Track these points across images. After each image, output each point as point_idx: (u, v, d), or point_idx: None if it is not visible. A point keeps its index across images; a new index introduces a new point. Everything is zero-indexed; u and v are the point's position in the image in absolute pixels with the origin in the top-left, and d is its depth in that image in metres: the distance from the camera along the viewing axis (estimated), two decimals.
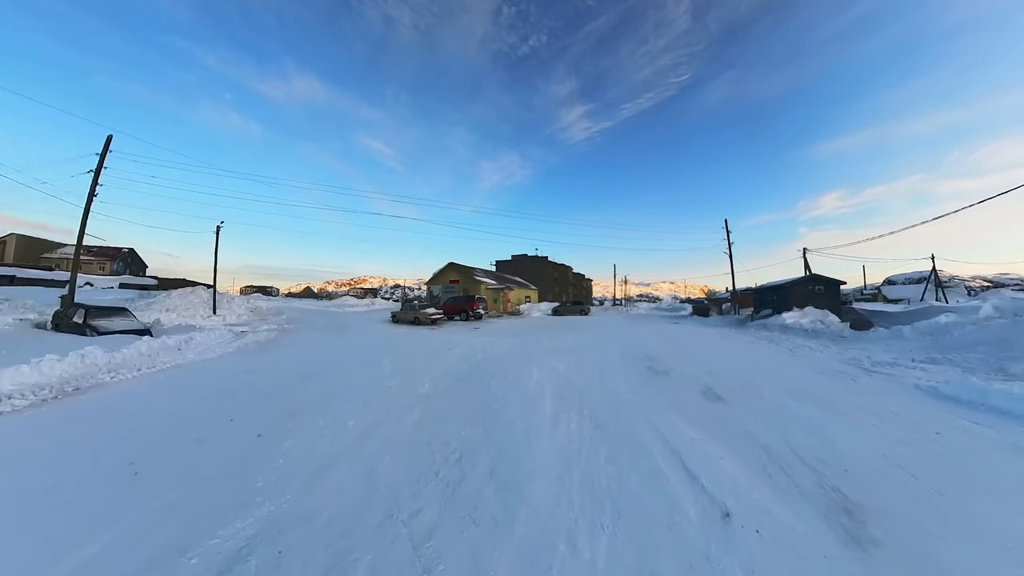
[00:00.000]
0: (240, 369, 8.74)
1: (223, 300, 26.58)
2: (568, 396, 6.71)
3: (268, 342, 13.61)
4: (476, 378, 8.09)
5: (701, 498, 3.39)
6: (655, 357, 10.95)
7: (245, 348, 12.06)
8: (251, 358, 10.37)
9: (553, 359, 10.57)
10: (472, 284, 32.42)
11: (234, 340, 13.56)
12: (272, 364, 9.50)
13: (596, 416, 5.59)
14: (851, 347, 12.82)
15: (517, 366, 9.42)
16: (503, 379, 8.03)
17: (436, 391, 6.98)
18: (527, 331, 18.82)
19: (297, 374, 8.17)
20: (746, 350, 12.76)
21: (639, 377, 8.31)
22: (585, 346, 13.64)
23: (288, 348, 12.32)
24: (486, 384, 7.57)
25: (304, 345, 13.08)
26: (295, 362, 9.78)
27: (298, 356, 10.76)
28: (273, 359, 10.26)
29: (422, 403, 6.21)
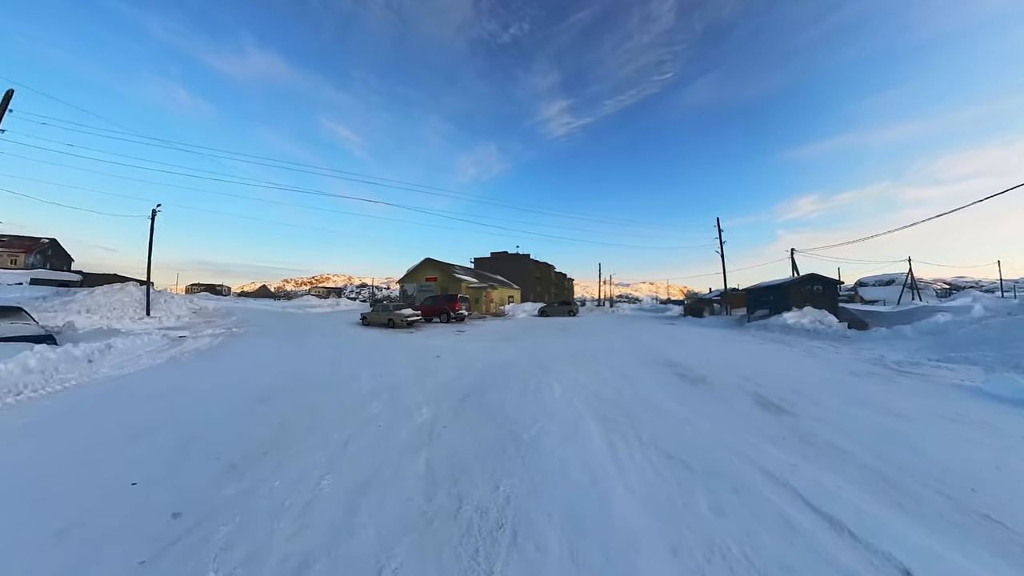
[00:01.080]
0: (167, 389, 6.82)
1: (160, 299, 23.66)
2: (611, 417, 5.51)
3: (212, 350, 11.51)
4: (486, 396, 6.56)
5: (863, 554, 2.69)
6: (677, 362, 10.10)
7: (180, 359, 9.98)
8: (186, 373, 8.39)
9: (567, 368, 9.21)
10: (452, 282, 30.60)
11: (168, 348, 11.40)
12: (213, 381, 7.60)
13: (660, 443, 4.53)
14: (861, 347, 12.68)
15: (529, 378, 7.98)
16: (520, 396, 6.58)
17: (439, 418, 5.40)
18: (519, 334, 17.37)
19: (246, 397, 6.34)
20: (762, 352, 12.29)
21: (676, 387, 7.37)
22: (594, 351, 12.41)
23: (237, 358, 10.33)
24: (501, 404, 6.08)
25: (257, 354, 11.09)
26: (244, 378, 7.89)
27: (249, 369, 8.84)
28: (216, 374, 8.32)
29: (426, 439, 4.63)
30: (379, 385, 7.26)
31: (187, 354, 10.59)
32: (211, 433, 4.73)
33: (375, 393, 6.66)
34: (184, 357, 10.17)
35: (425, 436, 4.75)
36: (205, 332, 15.62)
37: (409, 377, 8.01)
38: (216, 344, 12.66)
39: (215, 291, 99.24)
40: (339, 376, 8.08)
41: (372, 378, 7.85)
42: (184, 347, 11.67)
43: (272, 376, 8.06)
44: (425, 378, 7.94)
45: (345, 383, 7.44)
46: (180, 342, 12.53)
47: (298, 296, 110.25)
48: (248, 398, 6.25)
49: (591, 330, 20.52)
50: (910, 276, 42.93)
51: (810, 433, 4.87)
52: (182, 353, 10.64)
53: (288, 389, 6.84)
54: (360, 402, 6.13)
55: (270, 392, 6.62)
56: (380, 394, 6.60)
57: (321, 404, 6.00)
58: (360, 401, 6.18)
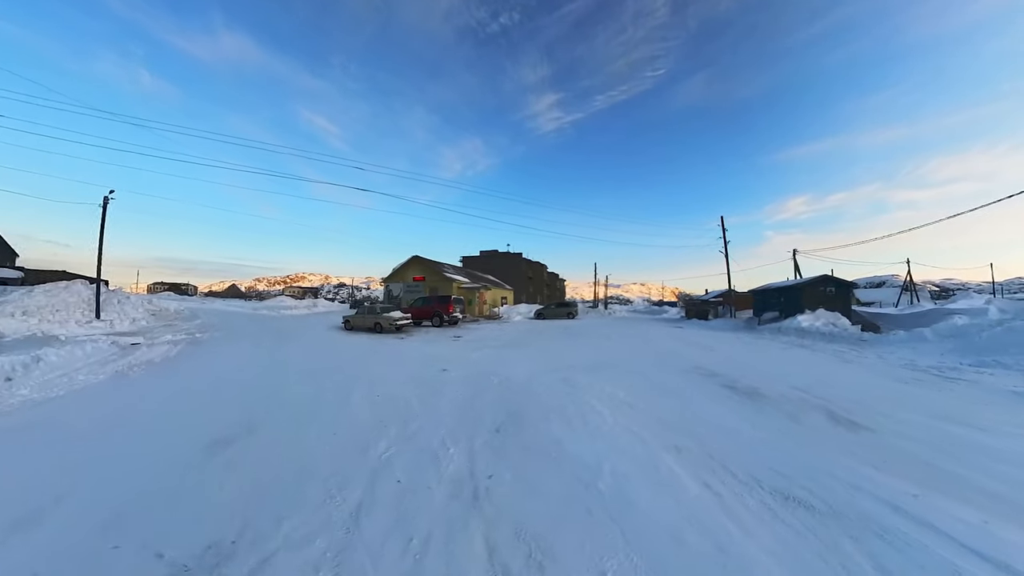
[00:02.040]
0: (96, 424, 5.31)
1: (113, 299, 21.59)
2: (685, 446, 4.71)
3: (169, 361, 9.93)
4: (525, 426, 5.34)
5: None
6: (715, 371, 9.46)
7: (128, 374, 8.41)
8: (130, 395, 6.87)
9: (599, 381, 8.17)
10: (442, 282, 29.14)
11: (115, 359, 9.78)
12: (161, 409, 6.10)
13: (759, 477, 3.90)
14: (885, 351, 12.61)
15: (563, 397, 6.82)
16: (566, 424, 5.45)
17: (477, 463, 4.14)
18: (524, 340, 16.13)
19: (201, 435, 4.87)
20: (793, 358, 11.99)
21: (732, 403, 6.71)
22: (615, 359, 11.45)
23: (198, 373, 8.81)
24: (549, 437, 4.90)
25: (223, 367, 9.56)
26: (203, 403, 6.41)
27: (211, 390, 7.33)
28: (168, 397, 6.81)
29: (471, 501, 3.35)
30: (382, 412, 5.91)
31: (137, 367, 9.00)
32: (141, 508, 3.27)
33: (380, 425, 5.33)
34: (133, 372, 8.60)
35: (468, 495, 3.48)
36: (163, 338, 13.91)
37: (416, 398, 6.68)
38: (175, 353, 11.05)
39: (179, 291, 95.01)
40: (327, 398, 6.69)
41: (370, 401, 6.50)
42: (135, 357, 10.05)
43: (240, 399, 6.59)
44: (437, 399, 6.63)
45: (336, 409, 6.05)
46: (131, 351, 10.88)
47: (271, 296, 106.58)
48: (205, 437, 4.78)
49: (598, 334, 19.47)
50: (909, 278, 43.59)
51: (903, 451, 4.59)
52: (131, 366, 9.05)
53: (260, 423, 5.38)
54: (362, 440, 4.78)
55: (235, 427, 5.15)
56: (386, 426, 5.27)
57: (307, 445, 4.62)
58: (362, 439, 4.83)
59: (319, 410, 6.02)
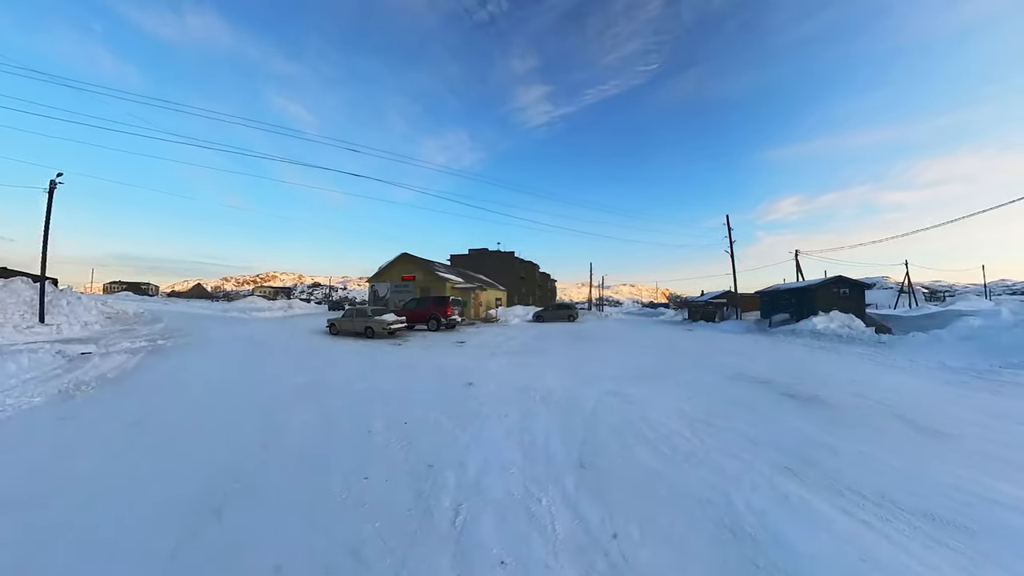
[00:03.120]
0: (15, 481, 3.89)
1: (61, 300, 19.46)
2: (797, 468, 4.17)
3: (125, 377, 8.35)
4: (607, 456, 4.22)
5: None
6: (761, 377, 9.00)
7: (73, 395, 6.85)
8: (70, 430, 5.34)
9: (650, 392, 7.48)
10: (434, 282, 27.66)
11: (59, 373, 8.18)
12: (111, 451, 4.61)
13: (900, 502, 3.51)
14: (911, 353, 12.69)
15: (624, 413, 5.96)
16: (653, 449, 4.56)
17: (591, 522, 2.95)
18: (537, 346, 14.88)
19: (168, 512, 3.34)
20: (825, 361, 11.69)
21: (803, 411, 6.38)
22: (651, 365, 10.73)
23: (162, 394, 7.28)
24: (644, 468, 3.99)
25: (193, 385, 8.05)
26: (170, 443, 4.88)
27: (179, 420, 5.80)
28: (120, 431, 5.27)
29: None
30: (421, 448, 4.56)
31: (86, 385, 7.41)
32: None
33: (427, 469, 3.98)
34: (80, 391, 7.02)
35: (604, 570, 2.41)
36: (120, 345, 12.19)
37: (455, 425, 5.37)
38: (133, 365, 9.43)
39: (139, 291, 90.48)
40: (339, 429, 5.28)
41: (398, 432, 5.13)
42: (85, 371, 8.44)
43: (222, 435, 5.11)
44: (482, 426, 5.33)
45: (358, 446, 4.67)
46: (81, 363, 9.24)
47: (240, 297, 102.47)
48: (172, 521, 3.14)
49: (612, 338, 18.44)
50: (907, 280, 44.51)
51: (1004, 459, 4.44)
52: (78, 384, 7.46)
53: (253, 474, 3.98)
54: (412, 495, 3.44)
55: (221, 486, 3.70)
56: (437, 470, 3.94)
57: (333, 512, 3.25)
58: (410, 492, 3.49)
59: (334, 448, 4.64)
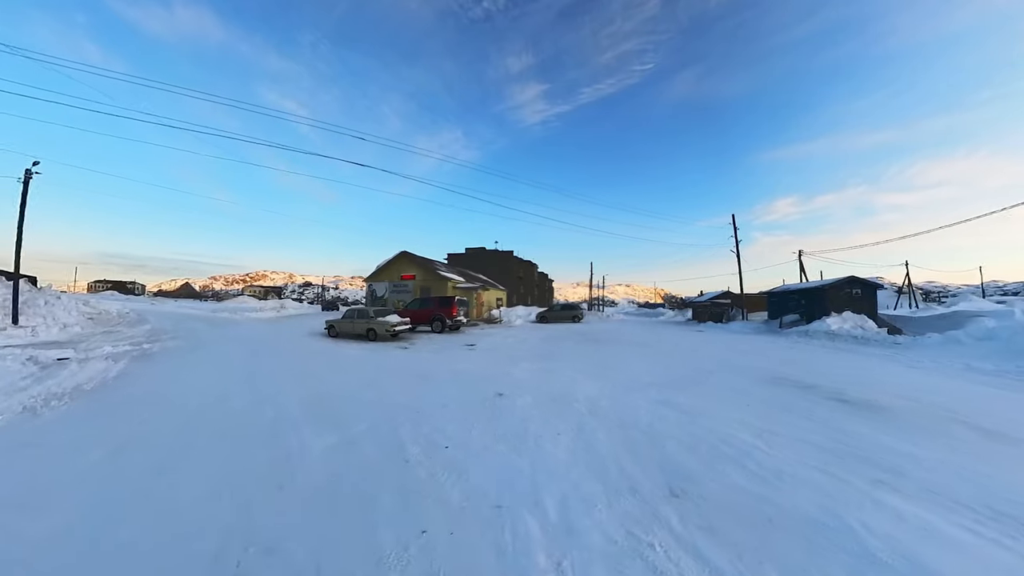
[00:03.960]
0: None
1: (39, 300, 18.24)
2: (891, 483, 3.77)
3: (105, 388, 7.37)
4: (697, 481, 3.42)
5: None
6: (804, 381, 8.55)
7: (42, 411, 5.87)
8: (30, 467, 4.42)
9: (698, 400, 6.78)
10: (435, 282, 26.71)
11: (30, 384, 7.19)
12: (77, 503, 3.66)
13: None
14: (934, 354, 12.56)
15: (685, 425, 5.29)
16: (740, 467, 3.89)
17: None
18: (556, 350, 13.99)
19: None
20: (853, 363, 11.33)
21: (862, 418, 6.05)
22: (683, 369, 10.12)
23: (147, 411, 6.32)
24: (744, 491, 3.31)
25: (184, 398, 7.10)
26: (151, 484, 3.92)
27: (168, 449, 4.80)
28: (92, 468, 4.33)
29: None
30: (477, 480, 3.67)
31: (58, 399, 6.42)
32: None
33: (496, 510, 3.11)
34: (50, 407, 6.03)
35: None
36: (101, 350, 11.16)
37: (504, 446, 4.50)
38: (115, 374, 8.43)
39: (125, 290, 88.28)
40: (367, 466, 4.34)
41: (442, 460, 4.22)
42: (59, 381, 7.45)
43: (224, 471, 4.15)
44: (538, 448, 4.45)
45: (402, 495, 3.71)
46: (55, 370, 8.23)
47: (230, 297, 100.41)
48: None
49: (627, 340, 17.65)
50: (908, 281, 44.59)
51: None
52: (49, 397, 6.48)
53: (271, 543, 2.99)
54: (492, 556, 2.59)
55: (230, 559, 2.72)
56: (509, 511, 3.07)
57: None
58: (488, 550, 2.63)
59: (368, 487, 3.69)
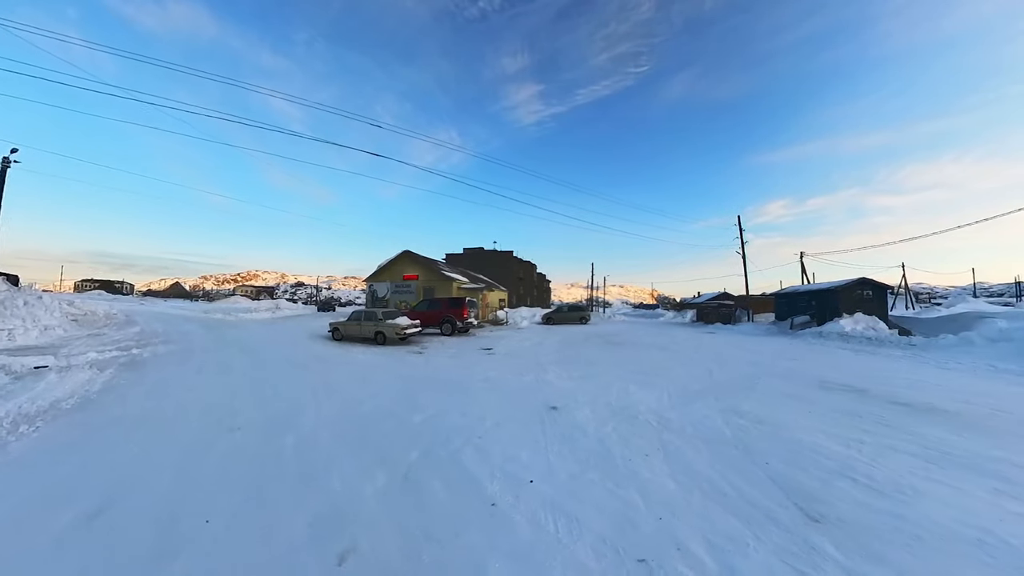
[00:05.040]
0: None
1: (17, 300, 16.86)
2: None
3: (88, 406, 6.25)
4: (836, 501, 2.52)
5: None
6: (853, 385, 8.27)
7: (7, 441, 4.79)
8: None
9: (762, 409, 6.12)
10: (439, 282, 25.64)
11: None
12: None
13: None
14: (957, 355, 12.46)
15: (772, 441, 4.46)
16: (873, 491, 2.74)
17: None
18: (577, 353, 13.00)
19: None
20: (883, 366, 11.00)
21: (933, 424, 5.78)
22: (724, 375, 9.54)
23: (133, 440, 5.24)
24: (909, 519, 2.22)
25: (178, 424, 6.02)
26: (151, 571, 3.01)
27: (161, 502, 3.73)
28: (54, 538, 3.32)
29: None
30: (618, 545, 2.64)
31: (28, 422, 5.32)
32: None
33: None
34: (16, 436, 4.92)
35: None
36: (85, 356, 9.99)
37: (610, 486, 3.53)
38: (99, 387, 7.30)
39: (113, 289, 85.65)
40: (444, 517, 3.32)
41: (552, 516, 3.23)
42: (33, 397, 6.32)
43: (244, 547, 3.10)
44: (656, 482, 3.49)
45: (511, 561, 2.72)
46: (31, 382, 7.11)
47: (222, 296, 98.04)
48: None
49: (641, 341, 16.79)
50: (904, 282, 44.70)
51: None
52: (19, 419, 5.37)
53: None
54: None
55: None
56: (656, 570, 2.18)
57: None
58: None
59: (457, 545, 2.74)
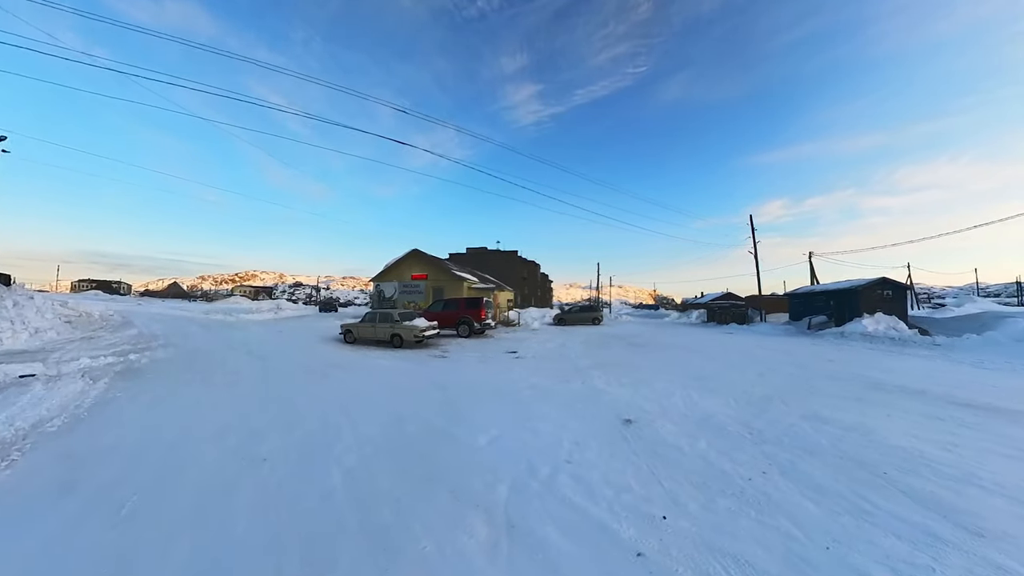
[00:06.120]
0: None
1: (6, 300, 15.70)
2: None
3: (78, 426, 5.18)
4: None
5: None
6: (906, 387, 8.12)
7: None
8: None
9: (837, 412, 4.44)
10: (449, 282, 24.59)
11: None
12: None
13: None
14: (982, 356, 12.15)
15: (902, 447, 3.13)
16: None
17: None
18: (608, 355, 12.01)
19: None
20: (920, 367, 10.72)
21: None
22: (769, 375, 8.84)
23: (130, 481, 4.19)
24: None
25: (187, 456, 4.98)
26: None
27: None
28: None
29: None
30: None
31: (5, 449, 4.29)
32: None
33: None
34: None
35: None
36: (77, 363, 8.93)
37: (772, 522, 2.53)
38: (90, 402, 6.24)
39: (110, 289, 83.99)
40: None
41: (710, 558, 2.30)
42: (12, 417, 5.26)
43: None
44: (806, 510, 2.54)
45: None
46: (14, 394, 6.06)
47: (220, 297, 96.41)
48: None
49: (665, 343, 15.84)
50: (909, 282, 44.30)
51: None
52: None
53: None
54: None
55: None
56: None
57: None
58: None
59: None
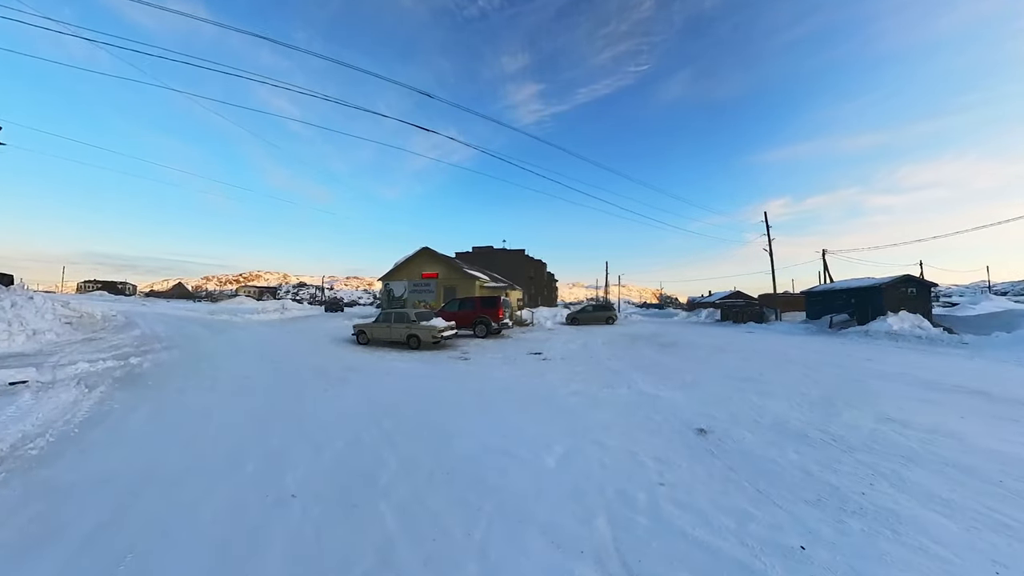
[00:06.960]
0: None
1: (3, 300, 14.90)
2: None
3: (60, 452, 4.32)
4: None
5: None
6: (962, 386, 7.78)
7: None
8: None
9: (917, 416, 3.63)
10: (461, 281, 23.77)
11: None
12: None
13: None
14: (1017, 355, 11.68)
15: None
16: None
17: None
18: (640, 357, 11.11)
19: None
20: (961, 366, 10.35)
21: None
22: (821, 379, 7.68)
23: (128, 526, 3.38)
24: None
25: (203, 490, 4.14)
26: None
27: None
28: None
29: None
30: None
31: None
32: None
33: None
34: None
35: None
36: (74, 367, 8.11)
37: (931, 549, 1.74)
38: (83, 415, 5.41)
39: (115, 290, 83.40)
40: None
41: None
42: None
43: None
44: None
45: None
46: (1, 405, 5.23)
47: (225, 297, 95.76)
48: None
49: (692, 343, 14.95)
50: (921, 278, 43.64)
51: None
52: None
53: None
54: None
55: None
56: None
57: None
58: None
59: None
